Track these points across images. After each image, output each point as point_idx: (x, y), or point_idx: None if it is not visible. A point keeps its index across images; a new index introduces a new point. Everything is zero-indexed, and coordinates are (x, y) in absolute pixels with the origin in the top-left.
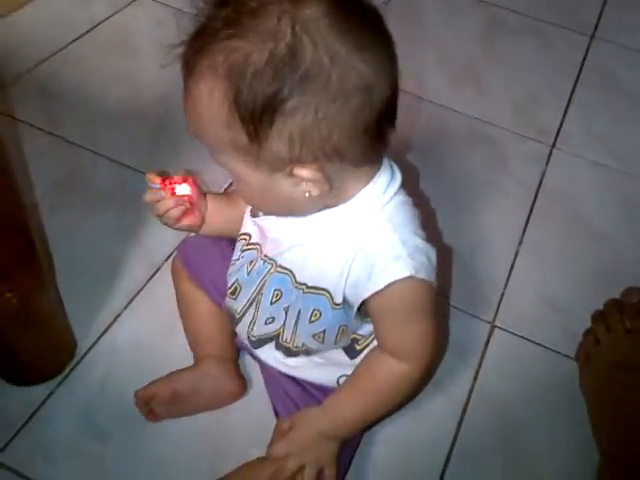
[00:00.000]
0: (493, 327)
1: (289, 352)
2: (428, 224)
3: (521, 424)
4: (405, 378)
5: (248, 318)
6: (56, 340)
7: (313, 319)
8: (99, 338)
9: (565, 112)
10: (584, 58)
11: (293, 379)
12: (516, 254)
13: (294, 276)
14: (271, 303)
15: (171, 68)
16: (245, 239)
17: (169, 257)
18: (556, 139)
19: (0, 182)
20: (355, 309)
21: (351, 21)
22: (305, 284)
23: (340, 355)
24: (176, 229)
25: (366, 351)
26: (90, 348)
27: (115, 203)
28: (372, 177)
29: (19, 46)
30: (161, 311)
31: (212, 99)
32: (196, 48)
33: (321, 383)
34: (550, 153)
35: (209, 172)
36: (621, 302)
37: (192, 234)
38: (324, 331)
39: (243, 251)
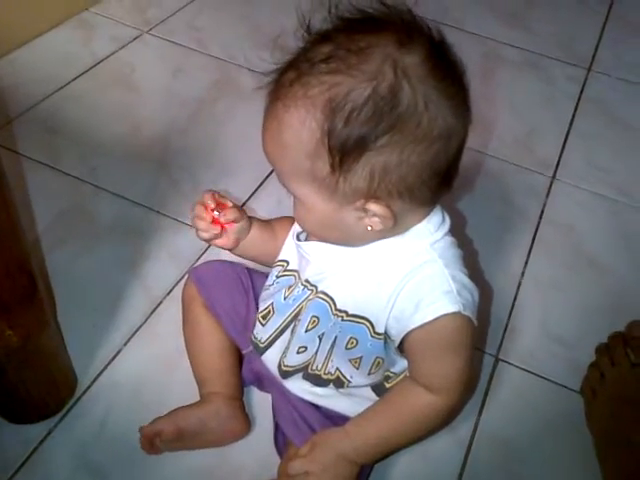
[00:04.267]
0: (497, 360)
1: (318, 381)
2: None
3: (527, 459)
4: (434, 410)
5: (278, 347)
6: (56, 377)
7: (349, 346)
8: (99, 374)
9: (564, 144)
10: (581, 91)
11: (313, 405)
12: (519, 286)
13: (334, 303)
14: (306, 330)
15: (172, 104)
16: (282, 265)
17: (170, 292)
18: (556, 171)
19: (2, 219)
20: (397, 343)
21: (443, 70)
22: (346, 312)
23: (369, 392)
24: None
25: None
26: (90, 384)
27: (116, 237)
28: (427, 215)
29: (22, 82)
30: (162, 346)
31: (303, 127)
32: (292, 76)
33: (347, 414)
34: (551, 185)
35: None
36: (626, 335)
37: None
38: (361, 357)
39: (279, 277)
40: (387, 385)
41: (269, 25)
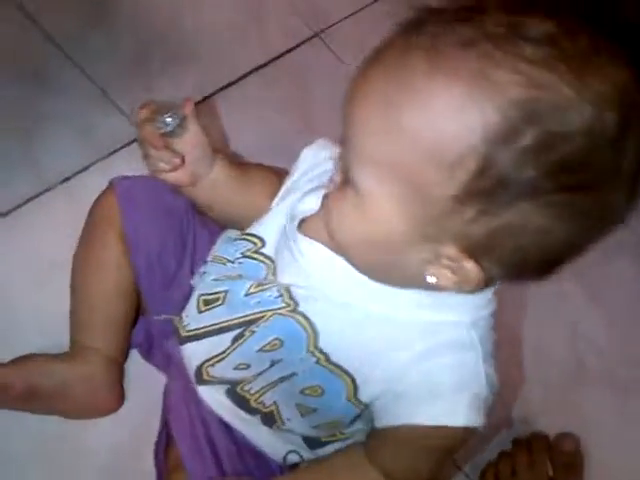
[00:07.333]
0: None
1: (244, 405)
2: None
3: None
4: None
5: (205, 346)
6: None
7: (308, 392)
8: None
9: None
10: None
11: (226, 427)
12: None
13: (316, 338)
14: (260, 350)
15: None
16: (254, 243)
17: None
18: None
19: None
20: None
21: None
22: (327, 355)
23: (299, 439)
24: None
25: (330, 447)
26: None
27: None
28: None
29: None
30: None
31: (456, 116)
32: (468, 35)
33: (264, 450)
34: None
35: None
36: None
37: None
38: (315, 410)
39: (245, 257)
40: (323, 440)
41: None
